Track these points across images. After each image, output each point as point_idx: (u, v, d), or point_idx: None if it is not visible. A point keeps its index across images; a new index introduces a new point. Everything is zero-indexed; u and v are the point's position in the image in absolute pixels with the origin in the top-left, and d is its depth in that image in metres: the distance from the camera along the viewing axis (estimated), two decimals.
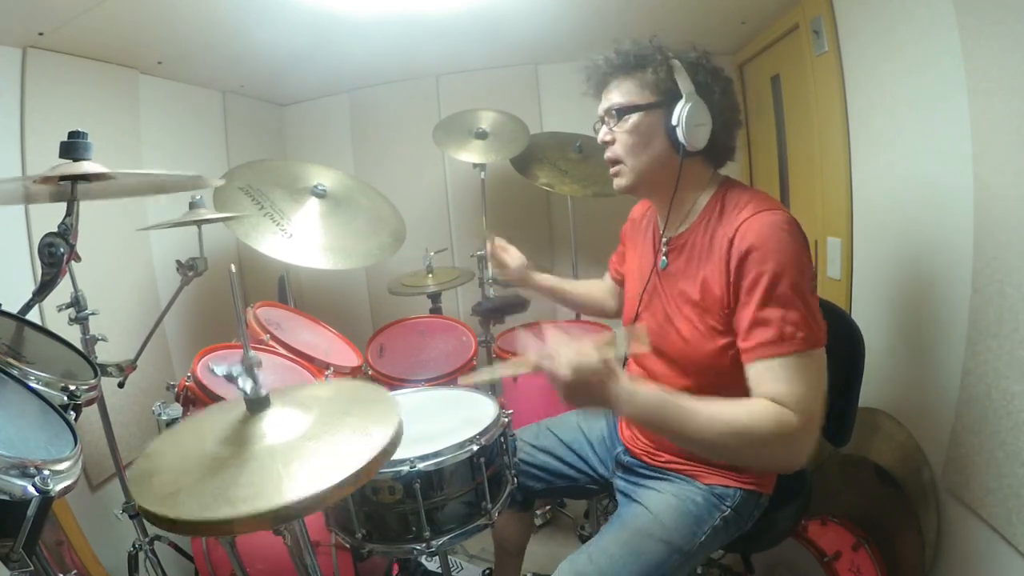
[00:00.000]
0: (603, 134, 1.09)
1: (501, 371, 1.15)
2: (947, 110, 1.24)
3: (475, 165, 2.21)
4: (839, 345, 1.19)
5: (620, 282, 1.43)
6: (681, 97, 1.00)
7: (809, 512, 1.30)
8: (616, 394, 0.86)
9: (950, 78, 1.21)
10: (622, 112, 1.05)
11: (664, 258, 1.12)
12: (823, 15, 1.68)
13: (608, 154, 1.10)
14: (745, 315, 0.94)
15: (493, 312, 2.23)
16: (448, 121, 2.28)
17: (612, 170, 1.11)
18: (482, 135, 2.23)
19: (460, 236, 2.74)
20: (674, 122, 1.00)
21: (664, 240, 1.13)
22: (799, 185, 2.12)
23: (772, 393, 0.89)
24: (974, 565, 1.27)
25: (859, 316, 1.31)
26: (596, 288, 1.55)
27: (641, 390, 0.88)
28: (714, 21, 2.08)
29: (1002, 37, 1.07)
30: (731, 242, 0.96)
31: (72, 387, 0.94)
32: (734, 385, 0.98)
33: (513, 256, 1.50)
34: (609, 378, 0.85)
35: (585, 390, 0.85)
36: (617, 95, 1.06)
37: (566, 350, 0.84)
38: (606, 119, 1.09)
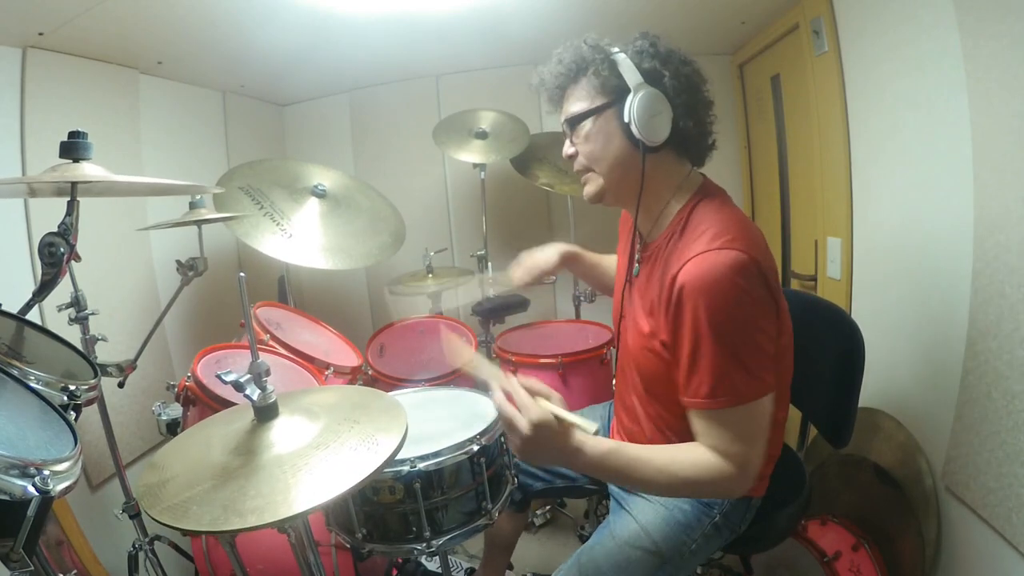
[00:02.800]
0: (566, 148, 1.05)
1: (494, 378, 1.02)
2: (947, 110, 1.24)
3: (475, 165, 2.21)
4: (839, 345, 1.19)
5: None
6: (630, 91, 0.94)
7: (809, 512, 1.30)
8: (570, 452, 0.89)
9: (950, 78, 1.21)
10: (574, 122, 1.01)
11: (637, 264, 1.09)
12: (823, 15, 1.68)
13: (575, 167, 1.06)
14: (682, 363, 0.92)
15: (493, 312, 2.23)
16: (448, 121, 2.28)
17: (581, 180, 1.07)
18: (482, 135, 2.23)
19: (460, 236, 2.74)
20: (626, 118, 0.94)
21: (639, 246, 1.09)
22: (799, 185, 2.12)
23: (711, 445, 0.91)
24: (974, 565, 1.27)
25: (859, 316, 1.31)
26: None
27: (592, 447, 0.90)
28: (714, 21, 2.08)
29: (1002, 37, 1.07)
30: (673, 280, 0.90)
31: (72, 387, 0.94)
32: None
33: (533, 265, 1.34)
34: (564, 438, 0.88)
35: (541, 448, 0.88)
36: (569, 105, 1.02)
37: (527, 405, 0.87)
38: (565, 132, 1.05)
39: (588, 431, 0.87)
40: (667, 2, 1.90)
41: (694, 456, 0.91)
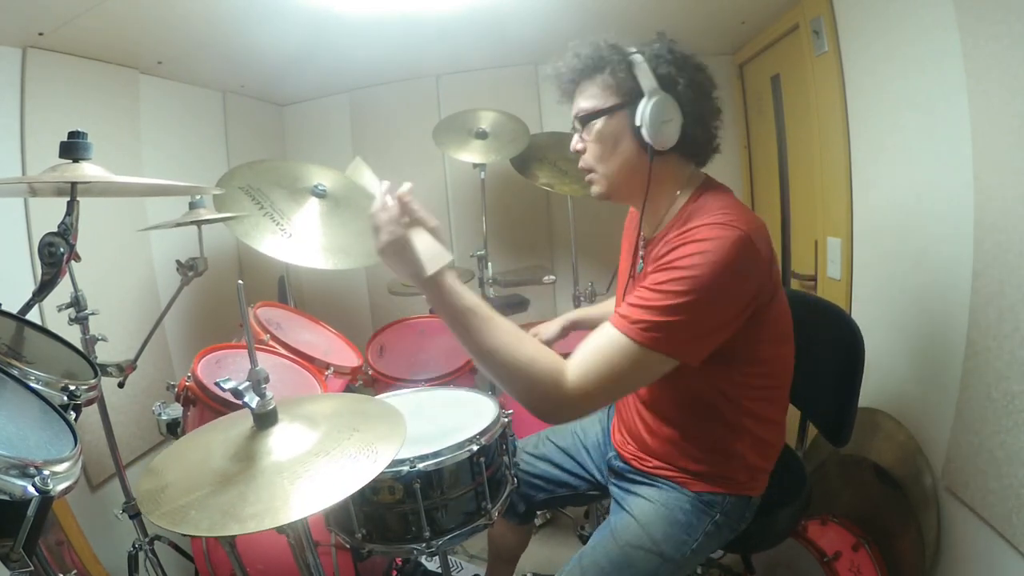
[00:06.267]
0: (575, 143, 1.05)
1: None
2: (947, 110, 1.24)
3: (475, 165, 2.21)
4: (839, 345, 1.19)
5: None
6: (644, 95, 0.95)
7: (809, 512, 1.30)
8: (424, 274, 0.90)
9: (950, 78, 1.21)
10: (586, 119, 1.01)
11: (641, 260, 1.10)
12: (823, 15, 1.68)
13: (580, 163, 1.06)
14: (640, 282, 0.91)
15: None
16: (448, 121, 2.28)
17: (586, 178, 1.07)
18: (482, 135, 2.23)
19: (460, 236, 2.74)
20: (637, 122, 0.95)
21: (642, 243, 1.10)
22: (799, 185, 2.12)
23: (578, 356, 0.88)
24: (974, 565, 1.27)
25: (859, 316, 1.31)
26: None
27: (458, 285, 0.89)
28: (714, 21, 2.08)
29: (1002, 37, 1.07)
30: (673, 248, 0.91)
31: (72, 387, 0.94)
32: (688, 397, 1.01)
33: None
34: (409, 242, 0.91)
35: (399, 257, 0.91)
36: (582, 101, 1.02)
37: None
38: (575, 127, 1.05)
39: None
40: (667, 2, 1.90)
41: (543, 354, 0.87)
